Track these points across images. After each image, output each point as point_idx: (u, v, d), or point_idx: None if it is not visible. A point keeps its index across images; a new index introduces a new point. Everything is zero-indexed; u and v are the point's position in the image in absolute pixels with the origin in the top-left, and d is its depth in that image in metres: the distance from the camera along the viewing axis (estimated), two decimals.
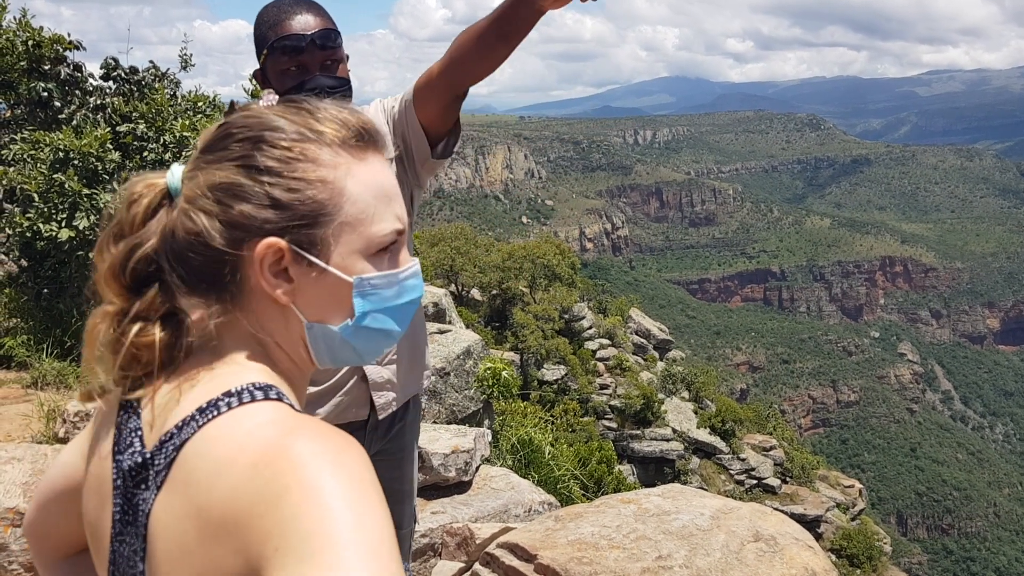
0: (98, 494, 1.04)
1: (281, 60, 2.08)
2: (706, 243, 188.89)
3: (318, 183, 1.01)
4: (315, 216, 1.01)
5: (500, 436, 6.47)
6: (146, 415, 1.01)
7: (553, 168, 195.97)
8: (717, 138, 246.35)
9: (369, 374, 2.22)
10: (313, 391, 2.13)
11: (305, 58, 2.09)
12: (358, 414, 2.23)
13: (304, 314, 1.03)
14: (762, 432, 32.64)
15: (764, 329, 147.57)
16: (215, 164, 1.01)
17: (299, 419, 0.94)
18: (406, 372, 2.33)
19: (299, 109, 1.05)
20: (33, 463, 3.31)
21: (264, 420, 0.92)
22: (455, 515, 3.98)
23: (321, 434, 0.91)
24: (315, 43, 2.08)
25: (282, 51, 2.07)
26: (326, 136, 1.04)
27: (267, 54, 2.10)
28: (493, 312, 31.76)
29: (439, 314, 8.57)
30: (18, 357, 6.06)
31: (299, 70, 2.10)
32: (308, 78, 2.09)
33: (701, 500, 3.60)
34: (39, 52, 6.58)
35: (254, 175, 1.00)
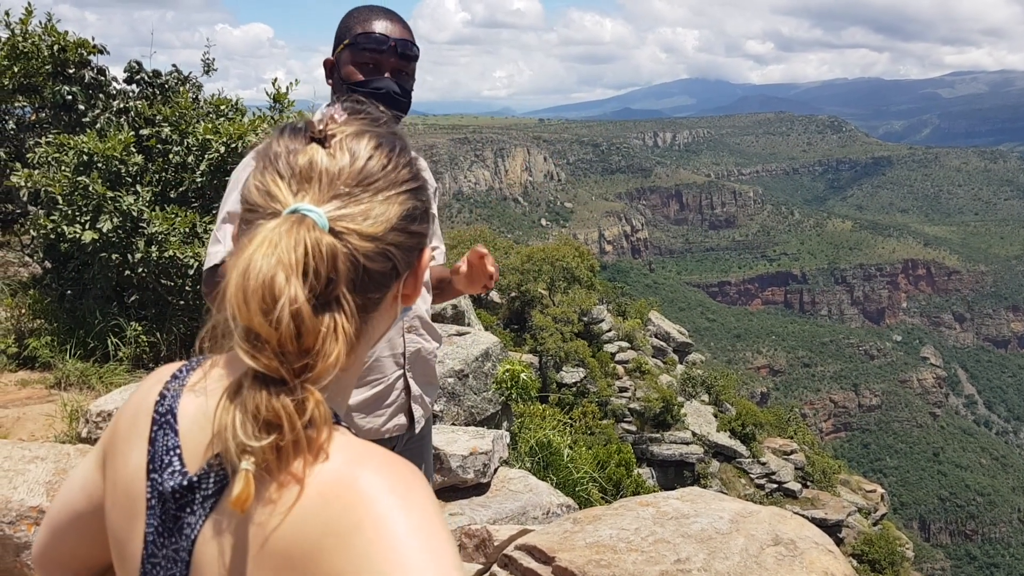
0: (128, 513, 1.01)
1: (360, 54, 2.20)
2: (726, 246, 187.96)
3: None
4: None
5: (518, 438, 6.47)
6: (185, 431, 1.00)
7: (572, 170, 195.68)
8: (737, 140, 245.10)
9: (411, 386, 2.31)
10: (359, 398, 2.18)
11: (382, 59, 2.21)
12: (401, 428, 2.30)
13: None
14: (783, 436, 32.43)
15: (785, 332, 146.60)
16: (389, 192, 1.00)
17: (363, 448, 0.94)
18: (430, 388, 2.42)
19: (385, 118, 1.08)
20: (56, 462, 3.34)
21: (329, 448, 0.92)
22: (473, 517, 3.98)
23: (387, 465, 0.92)
24: (395, 49, 2.21)
25: (363, 47, 2.19)
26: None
27: (347, 45, 2.21)
28: (512, 314, 31.73)
29: (458, 316, 8.59)
30: (42, 358, 6.12)
31: (373, 68, 2.21)
32: (377, 78, 2.21)
33: (720, 503, 3.58)
34: (64, 56, 6.65)
35: (419, 194, 1.03)
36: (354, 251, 0.94)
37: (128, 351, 6.12)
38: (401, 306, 1.07)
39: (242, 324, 0.90)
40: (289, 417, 0.88)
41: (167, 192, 6.40)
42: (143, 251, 6.05)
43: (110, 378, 5.90)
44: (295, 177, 0.97)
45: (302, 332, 0.89)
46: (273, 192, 0.97)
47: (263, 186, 0.98)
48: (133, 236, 6.10)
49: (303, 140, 1.00)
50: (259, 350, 0.89)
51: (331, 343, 0.91)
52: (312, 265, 0.90)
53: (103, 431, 4.27)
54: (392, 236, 0.98)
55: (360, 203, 0.96)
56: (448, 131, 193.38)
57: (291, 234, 0.91)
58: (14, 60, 6.54)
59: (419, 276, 1.06)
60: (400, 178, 1.00)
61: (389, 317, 1.07)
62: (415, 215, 1.01)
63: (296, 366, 0.90)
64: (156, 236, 6.04)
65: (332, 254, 0.92)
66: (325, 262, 0.91)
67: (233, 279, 0.90)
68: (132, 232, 6.11)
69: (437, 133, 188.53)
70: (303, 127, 1.02)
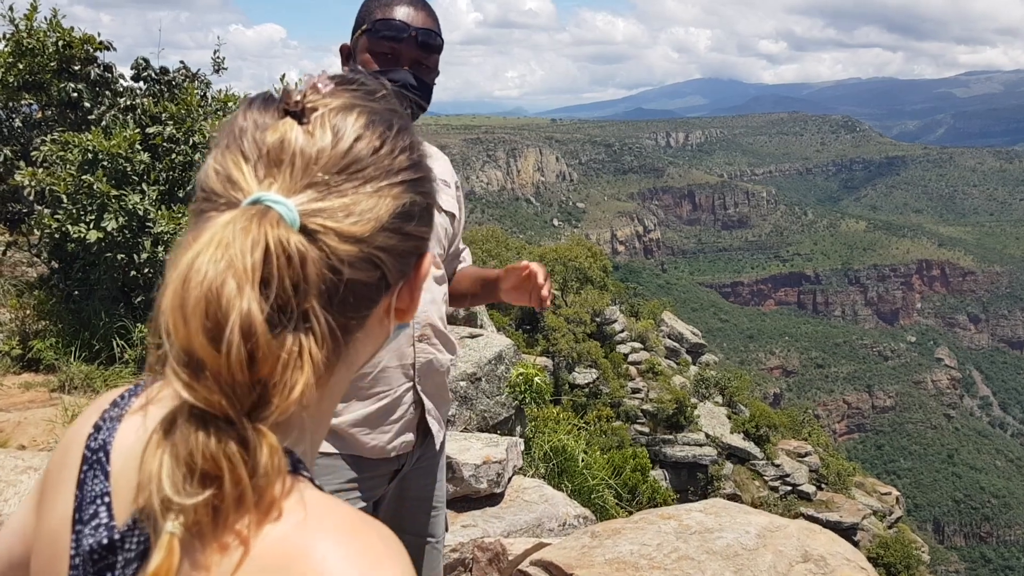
0: (49, 567, 0.81)
1: (378, 42, 2.04)
2: (739, 246, 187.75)
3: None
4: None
5: (532, 443, 6.32)
6: (118, 472, 0.79)
7: (585, 170, 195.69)
8: (750, 140, 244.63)
9: (424, 401, 2.13)
10: (362, 413, 2.01)
11: (401, 48, 2.04)
12: (407, 445, 2.12)
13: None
14: (797, 438, 32.23)
15: (798, 333, 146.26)
16: (380, 183, 0.79)
17: (325, 508, 0.75)
18: (442, 403, 2.25)
19: (383, 91, 0.86)
20: None
21: (282, 505, 0.73)
22: (486, 529, 3.83)
23: (352, 531, 0.73)
24: (416, 38, 2.04)
25: (382, 34, 2.03)
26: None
27: (366, 30, 2.05)
28: (524, 315, 31.64)
29: (470, 318, 8.45)
30: (46, 360, 6.01)
31: (390, 57, 2.05)
32: (394, 69, 2.04)
33: (746, 517, 3.42)
34: (69, 53, 6.54)
35: (419, 187, 0.83)
36: (331, 255, 0.74)
37: (134, 353, 5.99)
38: (395, 323, 0.86)
39: (179, 345, 0.68)
40: (232, 469, 0.68)
41: (174, 191, 6.27)
42: (149, 251, 5.93)
43: (115, 381, 5.77)
44: (262, 159, 0.76)
45: (256, 358, 0.69)
46: (234, 177, 0.76)
47: (223, 170, 0.76)
48: (139, 236, 5.98)
49: (276, 113, 0.79)
50: (198, 379, 0.68)
51: (294, 372, 0.70)
52: (274, 272, 0.70)
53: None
54: (382, 238, 0.77)
55: (342, 195, 0.76)
56: (460, 131, 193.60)
57: (249, 231, 0.70)
58: (19, 57, 6.44)
59: (416, 287, 0.86)
60: (396, 166, 0.80)
61: (377, 337, 0.87)
62: (413, 213, 0.81)
63: (247, 402, 0.69)
64: (163, 236, 5.92)
65: (301, 258, 0.71)
66: (291, 268, 0.71)
67: (170, 287, 0.69)
68: (138, 232, 5.98)
69: (449, 133, 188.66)
70: (277, 97, 0.80)
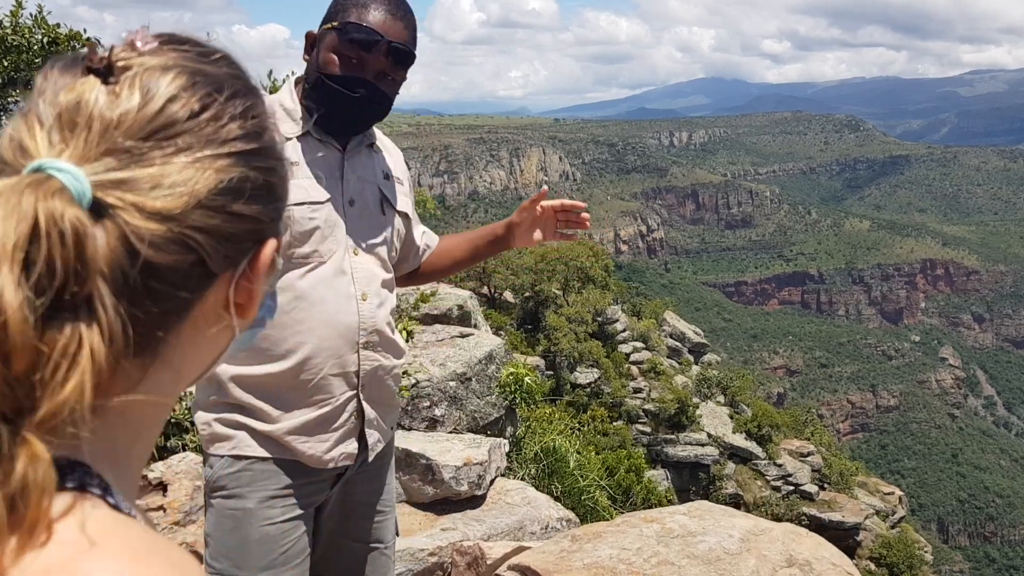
0: None
1: (345, 44, 1.89)
2: (743, 245, 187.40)
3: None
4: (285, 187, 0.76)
5: (522, 444, 6.24)
6: None
7: (588, 170, 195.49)
8: (754, 140, 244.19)
9: (365, 410, 2.02)
10: (301, 420, 1.91)
11: (369, 57, 1.89)
12: (349, 456, 2.02)
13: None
14: (799, 437, 32.12)
15: (802, 333, 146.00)
16: (200, 153, 0.67)
17: (112, 531, 0.62)
18: (389, 411, 2.14)
19: (220, 54, 0.73)
20: None
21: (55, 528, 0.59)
22: (466, 532, 3.75)
23: (133, 561, 0.60)
24: (387, 51, 1.90)
25: (352, 37, 1.88)
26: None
27: (336, 28, 1.90)
28: (526, 315, 31.54)
29: (464, 317, 8.35)
30: None
31: (355, 63, 1.90)
32: (357, 76, 1.90)
33: (730, 520, 3.33)
34: (55, 49, 6.46)
35: (254, 160, 0.71)
36: (130, 234, 0.62)
37: None
38: (238, 322, 0.73)
39: None
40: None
41: None
42: None
43: None
44: (56, 123, 0.64)
45: (12, 351, 0.57)
46: (25, 144, 0.64)
47: (16, 136, 0.65)
48: None
49: (78, 72, 0.66)
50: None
51: (67, 369, 0.59)
52: (43, 251, 0.58)
53: None
54: (199, 217, 0.66)
55: (148, 165, 0.64)
56: (464, 131, 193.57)
57: (17, 203, 0.59)
58: (3, 54, 6.38)
59: (255, 279, 0.73)
60: (223, 135, 0.68)
61: (215, 338, 0.74)
62: (243, 189, 0.69)
63: (3, 403, 0.57)
64: None
65: (78, 235, 0.60)
66: (65, 247, 0.59)
67: None
68: None
69: (452, 133, 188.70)
70: (83, 55, 0.68)
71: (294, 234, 1.88)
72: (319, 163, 1.95)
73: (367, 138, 2.07)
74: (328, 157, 1.98)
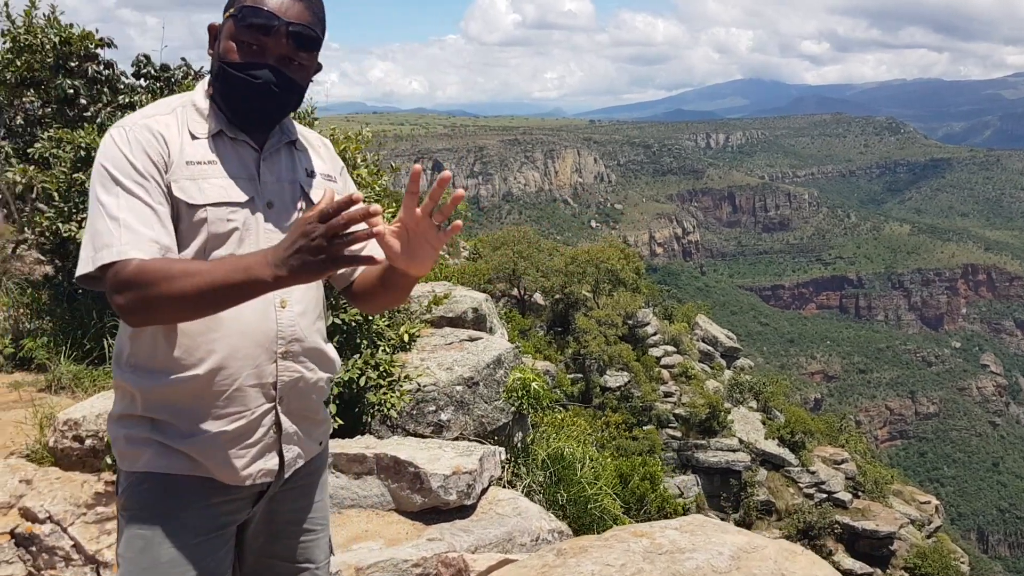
0: None
1: (243, 30, 1.78)
2: (780, 249, 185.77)
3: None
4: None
5: (531, 450, 6.12)
6: None
7: (623, 172, 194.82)
8: (792, 142, 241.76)
9: (283, 423, 1.89)
10: (213, 432, 1.80)
11: (268, 41, 1.78)
12: (269, 473, 1.89)
13: None
14: (834, 444, 31.73)
15: (840, 338, 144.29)
16: None
17: None
18: (312, 425, 1.99)
19: None
20: None
21: None
22: (453, 543, 3.64)
23: None
24: (287, 33, 1.78)
25: (248, 22, 1.77)
26: None
27: (231, 16, 1.80)
28: (556, 317, 31.43)
29: (479, 320, 8.24)
30: (38, 359, 5.94)
31: (255, 49, 1.79)
32: (258, 62, 1.79)
33: (722, 536, 3.19)
34: (68, 49, 6.48)
35: None
36: None
37: None
38: None
39: None
40: None
41: None
42: None
43: (103, 381, 5.67)
44: None
45: None
46: None
47: None
48: None
49: None
50: None
51: None
52: None
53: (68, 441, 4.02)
54: None
55: None
56: (498, 132, 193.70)
57: None
58: (17, 54, 6.40)
59: None
60: None
61: None
62: None
63: None
64: None
65: None
66: None
67: None
68: None
69: (487, 134, 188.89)
70: None
71: (211, 235, 1.77)
72: (234, 164, 1.84)
73: (286, 135, 1.95)
74: (243, 157, 1.86)
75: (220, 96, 1.83)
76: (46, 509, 3.05)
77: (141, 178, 1.73)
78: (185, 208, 1.76)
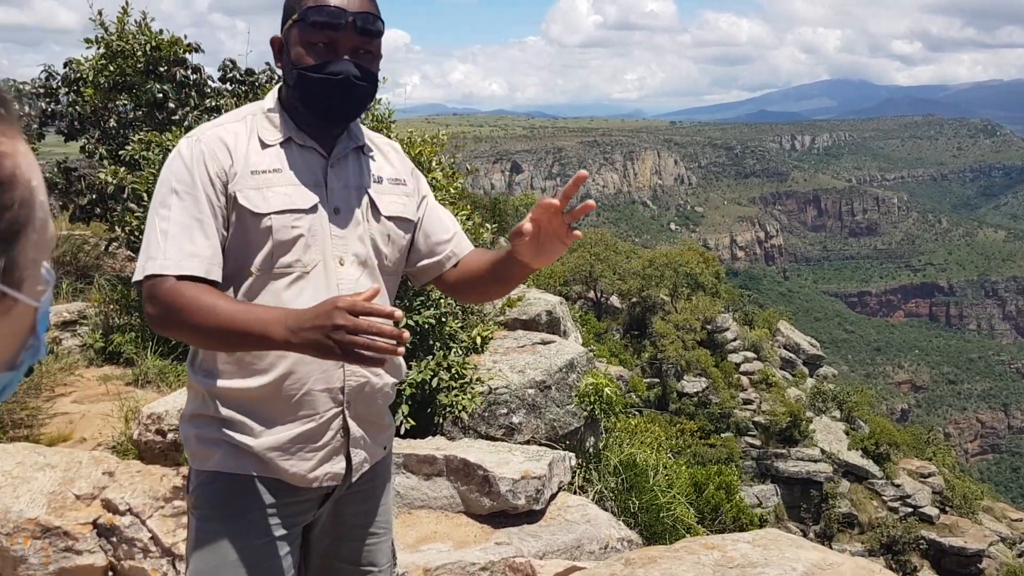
0: None
1: (312, 31, 1.80)
2: (867, 254, 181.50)
3: (15, 180, 0.64)
4: (16, 231, 0.64)
5: (602, 456, 6.07)
6: None
7: (704, 174, 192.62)
8: (881, 144, 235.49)
9: (351, 428, 1.91)
10: (282, 437, 1.83)
11: (338, 37, 1.81)
12: (335, 477, 1.91)
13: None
14: (920, 457, 30.72)
15: (929, 347, 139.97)
16: None
17: None
18: (378, 430, 2.01)
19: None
20: (66, 471, 3.19)
21: None
22: (521, 548, 3.63)
23: None
24: (354, 24, 1.81)
25: (315, 21, 1.80)
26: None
27: (295, 22, 1.83)
28: (632, 320, 31.22)
29: (552, 323, 8.22)
30: (126, 354, 6.15)
31: (327, 48, 1.81)
32: (334, 59, 1.81)
33: (796, 551, 3.10)
34: (157, 55, 6.70)
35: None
36: None
37: None
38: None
39: None
40: None
41: None
42: None
43: (187, 377, 5.84)
44: None
45: None
46: None
47: None
48: None
49: None
50: None
51: None
52: None
53: (151, 434, 4.14)
54: None
55: None
56: (577, 134, 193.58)
57: None
58: (110, 59, 6.65)
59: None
60: None
61: None
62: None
63: None
64: None
65: None
66: None
67: None
68: None
69: (566, 136, 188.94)
70: None
71: (276, 242, 1.80)
72: (301, 170, 1.86)
73: (354, 140, 1.97)
74: (311, 164, 1.88)
75: (301, 101, 1.86)
76: (126, 501, 3.15)
77: (196, 190, 1.77)
78: (250, 217, 1.80)
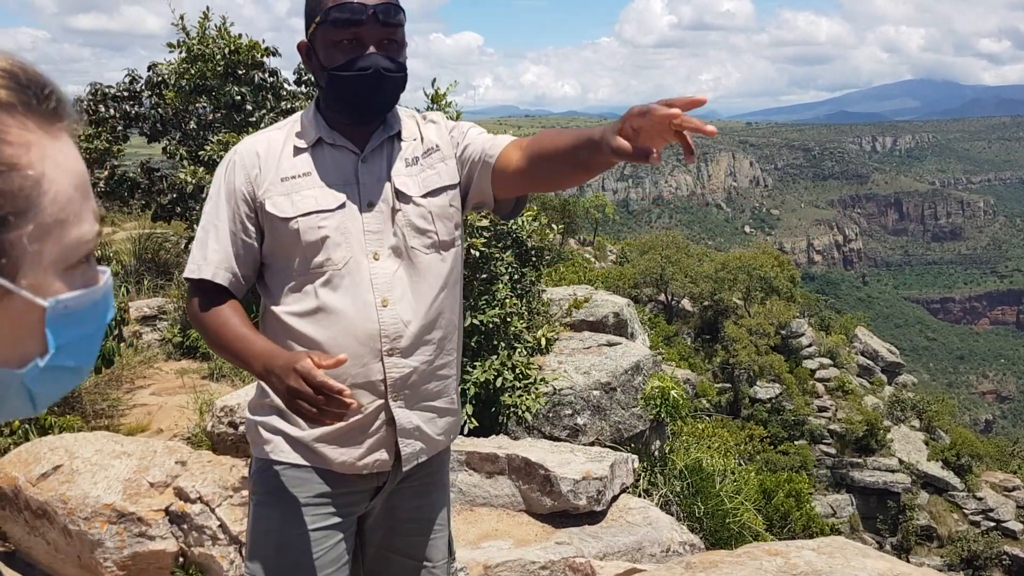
0: None
1: (334, 31, 1.83)
2: (951, 259, 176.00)
3: (5, 168, 0.67)
4: (2, 217, 0.67)
5: (668, 459, 6.02)
6: None
7: (780, 176, 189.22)
8: (967, 146, 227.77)
9: (397, 418, 1.93)
10: (329, 427, 1.86)
11: (363, 31, 1.83)
12: (383, 464, 1.94)
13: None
14: (1005, 470, 29.66)
15: (1016, 356, 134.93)
16: None
17: None
18: (435, 420, 2.02)
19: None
20: (141, 459, 3.31)
21: None
22: (581, 548, 3.63)
23: None
24: (376, 17, 1.82)
25: (339, 19, 1.82)
26: (2, 99, 0.69)
27: (319, 24, 1.85)
28: (704, 324, 30.86)
29: (620, 324, 8.18)
30: (202, 348, 6.34)
31: (353, 44, 1.83)
32: (361, 55, 1.83)
33: (862, 560, 3.03)
34: (236, 58, 6.89)
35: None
36: None
37: None
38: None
39: None
40: None
41: None
42: None
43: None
44: None
45: None
46: None
47: None
48: None
49: None
50: None
51: None
52: None
53: (223, 426, 4.27)
54: None
55: None
56: None
57: None
58: (191, 63, 6.87)
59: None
60: None
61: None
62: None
63: None
64: None
65: None
66: None
67: None
68: None
69: None
70: None
71: (305, 244, 1.84)
72: (330, 170, 1.90)
73: (388, 129, 1.97)
74: (342, 163, 1.91)
75: (335, 101, 1.88)
76: (197, 490, 3.26)
77: (220, 198, 1.90)
78: (279, 222, 1.85)
